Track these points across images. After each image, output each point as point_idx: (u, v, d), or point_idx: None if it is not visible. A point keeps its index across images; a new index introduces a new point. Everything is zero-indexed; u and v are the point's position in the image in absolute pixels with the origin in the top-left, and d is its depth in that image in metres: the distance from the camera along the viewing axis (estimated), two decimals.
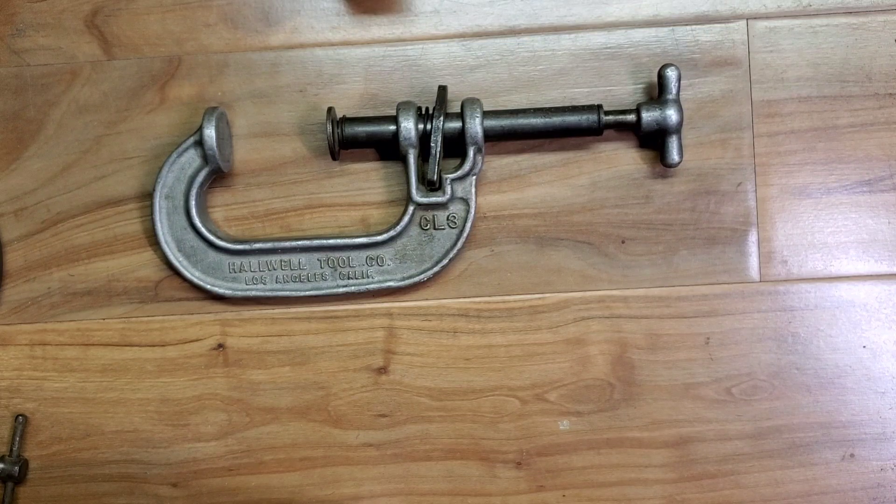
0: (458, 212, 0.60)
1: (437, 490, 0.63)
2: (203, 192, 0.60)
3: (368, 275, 0.60)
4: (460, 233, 0.60)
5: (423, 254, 0.60)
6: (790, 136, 0.61)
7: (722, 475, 0.62)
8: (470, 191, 0.59)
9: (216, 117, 0.57)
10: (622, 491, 0.62)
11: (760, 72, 0.61)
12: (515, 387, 0.62)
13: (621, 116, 0.58)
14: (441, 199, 0.59)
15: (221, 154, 0.58)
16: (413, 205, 0.59)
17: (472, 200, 0.59)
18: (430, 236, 0.60)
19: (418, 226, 0.60)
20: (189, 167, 0.59)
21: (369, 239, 0.60)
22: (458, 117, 0.58)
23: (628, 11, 0.61)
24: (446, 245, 0.60)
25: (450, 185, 0.59)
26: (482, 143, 0.58)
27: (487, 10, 0.61)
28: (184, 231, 0.60)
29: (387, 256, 0.60)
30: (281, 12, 0.62)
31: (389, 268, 0.60)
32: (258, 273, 0.60)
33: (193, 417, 0.63)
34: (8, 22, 0.62)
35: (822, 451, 0.62)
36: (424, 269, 0.60)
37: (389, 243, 0.60)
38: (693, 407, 0.62)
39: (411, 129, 0.57)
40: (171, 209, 0.60)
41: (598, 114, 0.57)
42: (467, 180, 0.59)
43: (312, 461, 0.63)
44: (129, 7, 0.61)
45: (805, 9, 0.61)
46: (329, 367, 0.62)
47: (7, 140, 0.62)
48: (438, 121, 0.57)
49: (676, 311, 0.62)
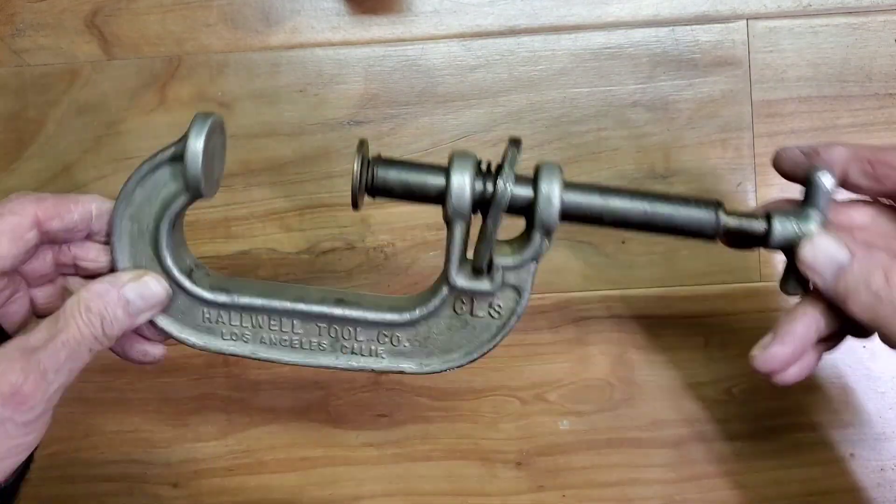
0: (507, 301, 0.46)
1: (437, 490, 0.63)
2: (180, 220, 0.46)
3: (378, 353, 0.47)
4: (503, 326, 0.46)
5: (450, 341, 0.46)
6: (790, 136, 0.61)
7: (722, 475, 0.62)
8: (527, 280, 0.45)
9: (209, 129, 0.42)
10: (622, 491, 0.62)
11: (760, 72, 0.61)
12: (515, 387, 0.62)
13: (747, 222, 0.44)
14: (487, 288, 0.45)
15: (207, 178, 0.43)
16: (448, 287, 0.45)
17: (527, 291, 0.45)
18: (463, 322, 0.46)
19: (451, 308, 0.46)
20: (163, 188, 0.44)
21: (385, 317, 0.46)
22: (528, 183, 0.43)
23: (628, 11, 0.61)
24: (483, 337, 0.46)
25: (501, 272, 0.44)
26: (556, 227, 0.43)
27: (487, 10, 0.61)
28: (150, 262, 0.45)
29: (403, 337, 0.47)
30: (281, 12, 0.62)
31: (405, 350, 0.47)
32: (239, 329, 0.47)
33: (193, 417, 0.63)
34: (8, 22, 0.62)
35: (822, 451, 0.62)
36: (448, 360, 0.47)
37: (410, 325, 0.47)
38: (693, 407, 0.62)
39: (466, 191, 0.42)
40: (135, 234, 0.45)
41: (716, 214, 0.44)
42: (525, 268, 0.45)
43: (312, 461, 0.63)
44: (129, 7, 0.61)
45: (805, 9, 0.61)
46: None
47: (7, 140, 0.62)
48: (505, 189, 0.41)
49: (676, 311, 0.62)
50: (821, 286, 0.43)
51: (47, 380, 0.40)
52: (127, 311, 0.43)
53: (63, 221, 0.44)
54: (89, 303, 0.42)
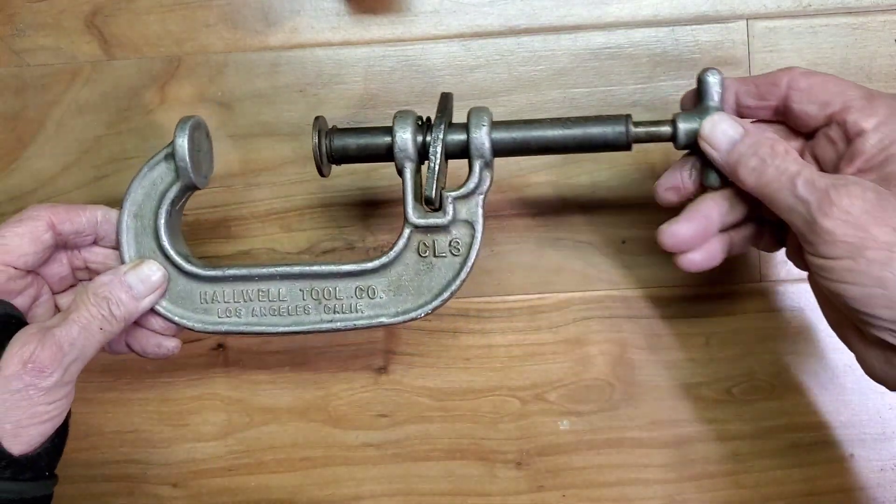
0: (462, 237, 0.52)
1: (437, 490, 0.63)
2: (176, 210, 0.53)
3: (357, 308, 0.53)
4: (464, 261, 0.52)
5: (420, 285, 0.52)
6: None
7: (722, 475, 0.62)
8: (476, 212, 0.51)
9: (190, 127, 0.51)
10: (622, 491, 0.62)
11: (760, 72, 0.61)
12: (515, 387, 0.62)
13: (654, 128, 0.50)
14: (442, 221, 0.51)
15: (196, 168, 0.52)
16: (409, 227, 0.51)
17: (479, 224, 0.51)
18: (429, 265, 0.52)
19: (416, 252, 0.52)
20: (161, 182, 0.52)
21: (359, 266, 0.52)
22: (462, 128, 0.51)
23: (628, 11, 0.61)
24: (448, 275, 0.52)
25: (452, 204, 0.51)
26: (490, 158, 0.51)
27: (487, 10, 0.61)
28: (153, 255, 0.53)
29: (379, 287, 0.52)
30: (281, 12, 0.62)
31: (382, 301, 0.52)
32: (232, 304, 0.53)
33: (193, 417, 0.63)
34: (8, 22, 0.62)
35: (822, 451, 0.62)
36: (422, 304, 0.52)
37: (382, 272, 0.52)
38: (693, 407, 0.62)
39: (408, 141, 0.50)
40: (139, 230, 0.53)
41: (626, 125, 0.50)
42: (473, 200, 0.51)
43: (312, 461, 0.63)
44: (129, 7, 0.61)
45: (805, 9, 0.61)
46: (329, 367, 0.62)
47: (7, 140, 0.62)
48: (439, 130, 0.50)
49: (676, 311, 0.62)
50: (717, 158, 0.48)
51: (63, 350, 0.46)
52: (130, 295, 0.50)
53: (73, 224, 0.51)
54: (96, 289, 0.49)
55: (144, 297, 0.51)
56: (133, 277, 0.50)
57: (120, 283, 0.50)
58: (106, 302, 0.49)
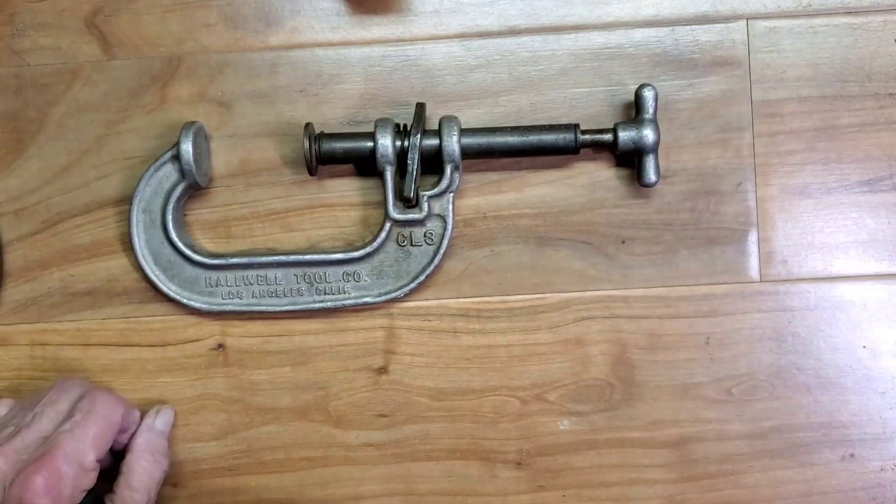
0: (436, 229, 0.60)
1: (437, 490, 0.63)
2: (180, 205, 0.60)
3: (345, 290, 0.61)
4: (437, 249, 0.60)
5: (399, 270, 0.60)
6: (790, 136, 0.61)
7: (722, 475, 0.62)
8: (447, 208, 0.59)
9: (193, 132, 0.57)
10: (622, 491, 0.62)
11: (760, 72, 0.61)
12: (515, 387, 0.62)
13: (598, 136, 0.58)
14: (418, 216, 0.59)
15: (198, 169, 0.58)
16: (390, 221, 0.59)
17: (450, 217, 0.59)
18: (406, 253, 0.60)
19: (395, 242, 0.60)
20: (166, 181, 0.59)
21: (346, 255, 0.60)
22: (435, 135, 0.58)
23: (628, 11, 0.61)
24: (423, 261, 0.60)
25: (427, 202, 0.59)
26: (459, 161, 0.58)
27: (487, 10, 0.61)
28: (161, 245, 0.60)
29: (363, 272, 0.60)
30: (281, 12, 0.62)
31: (366, 284, 0.60)
32: (234, 287, 0.60)
33: (193, 417, 0.63)
34: (8, 22, 0.62)
35: (822, 451, 0.62)
36: (401, 286, 0.60)
37: (366, 259, 0.60)
38: (693, 407, 0.62)
39: (388, 147, 0.57)
40: (148, 223, 0.60)
41: (574, 133, 0.58)
42: (445, 197, 0.59)
43: (312, 461, 0.63)
44: (129, 7, 0.61)
45: (805, 9, 0.61)
46: (329, 367, 0.62)
47: (7, 140, 0.62)
48: (415, 138, 0.57)
49: (676, 311, 0.62)
50: None
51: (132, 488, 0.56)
52: (164, 436, 0.60)
53: (126, 422, 0.58)
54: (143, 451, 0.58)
55: (169, 426, 0.62)
56: (160, 422, 0.60)
57: (156, 434, 0.60)
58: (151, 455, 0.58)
